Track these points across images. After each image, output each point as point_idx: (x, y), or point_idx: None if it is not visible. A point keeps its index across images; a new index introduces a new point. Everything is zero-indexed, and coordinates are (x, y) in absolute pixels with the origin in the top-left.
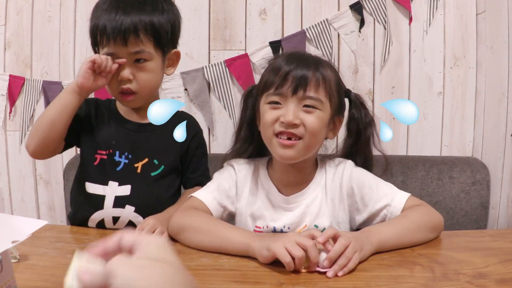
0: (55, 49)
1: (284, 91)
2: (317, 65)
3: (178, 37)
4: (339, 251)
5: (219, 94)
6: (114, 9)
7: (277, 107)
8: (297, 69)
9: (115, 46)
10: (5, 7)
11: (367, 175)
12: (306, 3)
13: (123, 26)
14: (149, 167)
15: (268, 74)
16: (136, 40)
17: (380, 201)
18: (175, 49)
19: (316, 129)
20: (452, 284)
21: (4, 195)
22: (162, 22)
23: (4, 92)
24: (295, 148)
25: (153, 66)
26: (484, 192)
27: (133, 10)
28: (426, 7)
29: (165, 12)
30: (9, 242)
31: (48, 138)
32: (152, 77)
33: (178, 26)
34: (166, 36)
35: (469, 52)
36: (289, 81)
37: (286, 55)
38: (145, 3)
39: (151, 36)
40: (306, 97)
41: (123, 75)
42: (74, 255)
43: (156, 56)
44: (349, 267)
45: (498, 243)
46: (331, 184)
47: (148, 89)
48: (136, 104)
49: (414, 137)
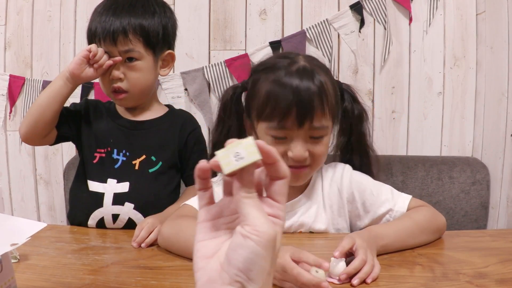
0: (55, 49)
1: (289, 126)
2: (315, 79)
3: (172, 38)
4: (359, 267)
5: (219, 94)
6: (105, 12)
7: (282, 141)
8: (300, 95)
9: (105, 46)
10: (5, 7)
11: (367, 179)
12: (306, 3)
13: (112, 27)
14: (147, 164)
15: (265, 101)
16: (125, 39)
17: (382, 206)
18: (169, 51)
19: (323, 155)
20: (452, 284)
21: (4, 195)
22: (152, 24)
23: (4, 92)
24: (302, 174)
25: (144, 66)
26: (484, 192)
27: (123, 12)
28: (426, 7)
29: (156, 14)
30: (8, 245)
31: (38, 122)
32: (143, 76)
33: (171, 28)
34: (157, 37)
35: (469, 52)
36: (293, 113)
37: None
38: (136, 6)
39: (140, 36)
40: (313, 127)
41: (114, 73)
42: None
43: (147, 56)
44: (373, 276)
45: (498, 243)
46: (329, 190)
47: (139, 88)
48: (129, 103)
49: (414, 137)
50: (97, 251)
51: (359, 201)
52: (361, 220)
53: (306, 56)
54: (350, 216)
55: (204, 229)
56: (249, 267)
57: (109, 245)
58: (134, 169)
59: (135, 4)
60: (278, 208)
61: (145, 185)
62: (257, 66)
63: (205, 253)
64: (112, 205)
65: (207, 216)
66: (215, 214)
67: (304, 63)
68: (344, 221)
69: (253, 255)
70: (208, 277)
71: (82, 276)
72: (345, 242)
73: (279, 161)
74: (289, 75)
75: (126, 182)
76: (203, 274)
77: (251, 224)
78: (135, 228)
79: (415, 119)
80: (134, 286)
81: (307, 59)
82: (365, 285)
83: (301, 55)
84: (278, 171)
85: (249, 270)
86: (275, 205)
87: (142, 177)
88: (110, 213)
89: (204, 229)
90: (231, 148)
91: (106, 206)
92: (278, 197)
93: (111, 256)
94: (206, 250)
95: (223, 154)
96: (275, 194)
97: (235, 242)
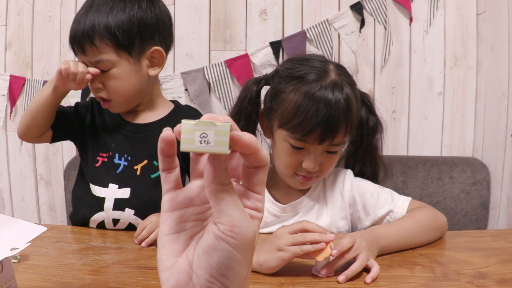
0: (55, 49)
1: (310, 141)
2: (343, 99)
3: (155, 32)
4: (356, 271)
5: (220, 94)
6: (77, 16)
7: (299, 151)
8: (328, 118)
9: (79, 56)
10: (5, 7)
11: (367, 183)
12: (307, 3)
13: (77, 34)
14: (149, 169)
15: (293, 113)
16: (92, 47)
17: (383, 208)
18: (155, 47)
19: (332, 167)
20: (453, 284)
21: (4, 195)
22: (121, 21)
23: (4, 92)
24: (311, 181)
25: (119, 72)
26: (485, 192)
27: (89, 13)
28: (426, 7)
29: (128, 8)
30: (8, 249)
31: (30, 125)
32: (121, 82)
33: (152, 21)
34: (128, 35)
35: (469, 52)
36: (317, 132)
37: (317, 93)
38: (104, 3)
39: (108, 40)
40: (332, 144)
41: (92, 85)
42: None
43: (121, 60)
44: (372, 276)
45: (498, 243)
46: (331, 193)
47: (121, 95)
48: (117, 109)
49: (414, 137)
50: (97, 251)
51: (360, 204)
52: (362, 222)
53: (336, 65)
54: (352, 219)
55: (169, 220)
56: (224, 273)
57: (110, 245)
58: (136, 174)
59: (105, 2)
60: (257, 199)
61: (146, 191)
62: (286, 68)
63: (171, 250)
64: (112, 210)
65: (172, 204)
66: (183, 202)
67: (335, 76)
68: (346, 224)
69: (228, 260)
70: (176, 281)
71: (82, 276)
72: (345, 242)
73: (260, 149)
74: (321, 90)
75: (128, 188)
76: (170, 277)
77: (226, 223)
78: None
79: (415, 119)
80: (135, 286)
81: (337, 70)
82: (365, 285)
83: (331, 63)
84: (259, 159)
85: (223, 276)
86: (254, 197)
87: (144, 182)
88: (111, 218)
89: (169, 220)
90: (202, 125)
91: (107, 210)
92: (257, 187)
93: (111, 256)
94: (172, 246)
95: (189, 128)
96: (254, 184)
97: (207, 243)
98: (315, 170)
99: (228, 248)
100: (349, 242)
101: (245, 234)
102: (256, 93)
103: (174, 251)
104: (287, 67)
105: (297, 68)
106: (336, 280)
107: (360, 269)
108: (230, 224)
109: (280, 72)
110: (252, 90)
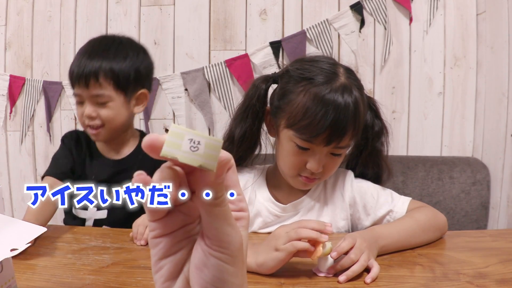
0: (55, 49)
1: (317, 142)
2: (352, 103)
3: (145, 79)
4: (344, 266)
5: (220, 94)
6: (82, 55)
7: (304, 152)
8: (336, 122)
9: (79, 88)
10: (5, 7)
11: (367, 183)
12: (307, 3)
13: (85, 71)
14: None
15: (302, 115)
16: (96, 83)
17: (382, 208)
18: (142, 90)
19: (335, 169)
20: (453, 284)
21: (4, 195)
22: (123, 68)
23: (4, 92)
24: (314, 183)
25: (114, 105)
26: (484, 192)
27: (96, 56)
28: (426, 7)
29: (129, 58)
30: (8, 249)
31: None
32: (114, 113)
33: (144, 70)
34: (127, 79)
35: (469, 52)
36: (325, 134)
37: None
38: (109, 50)
39: (111, 80)
40: (338, 147)
41: (86, 111)
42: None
43: (117, 97)
44: (372, 276)
45: (498, 243)
46: (332, 193)
47: (112, 123)
48: (103, 138)
49: (414, 137)
50: (97, 251)
51: (360, 204)
52: (362, 222)
53: (345, 68)
54: (352, 219)
55: (162, 244)
56: (219, 287)
57: (109, 245)
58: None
59: (109, 48)
60: (239, 200)
61: (122, 210)
62: (296, 68)
63: (167, 274)
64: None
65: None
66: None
67: (345, 80)
68: (346, 224)
69: (221, 273)
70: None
71: (82, 276)
72: (344, 243)
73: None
74: (331, 93)
75: (105, 210)
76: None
77: (212, 237)
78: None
79: (415, 119)
80: (135, 286)
81: (346, 73)
82: (365, 285)
83: (341, 66)
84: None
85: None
86: (236, 198)
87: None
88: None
89: (161, 244)
90: (195, 134)
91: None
92: (235, 188)
93: (111, 256)
94: (168, 270)
95: (179, 131)
96: (231, 187)
97: (198, 259)
98: (318, 172)
99: (218, 262)
100: (349, 244)
101: (233, 245)
102: (264, 91)
103: (170, 275)
104: (297, 67)
105: (306, 69)
106: (336, 280)
107: (361, 269)
108: (216, 239)
109: (289, 72)
110: (261, 88)
